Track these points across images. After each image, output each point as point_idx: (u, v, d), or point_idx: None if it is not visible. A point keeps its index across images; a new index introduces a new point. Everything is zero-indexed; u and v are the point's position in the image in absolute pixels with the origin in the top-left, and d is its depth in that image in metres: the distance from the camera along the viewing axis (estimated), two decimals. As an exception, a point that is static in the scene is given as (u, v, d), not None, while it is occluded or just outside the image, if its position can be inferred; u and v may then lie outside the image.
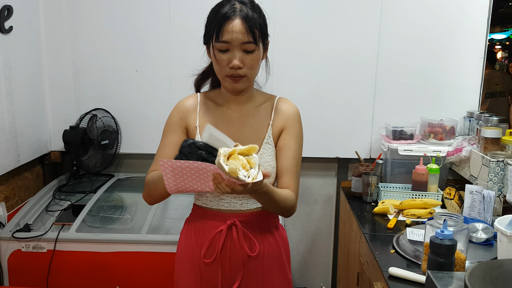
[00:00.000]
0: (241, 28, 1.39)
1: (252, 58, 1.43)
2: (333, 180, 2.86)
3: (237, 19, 1.39)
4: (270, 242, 1.57)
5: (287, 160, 1.52)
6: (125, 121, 2.77)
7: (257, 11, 1.46)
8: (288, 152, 1.52)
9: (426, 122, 2.52)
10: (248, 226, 1.54)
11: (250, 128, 1.54)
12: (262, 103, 1.58)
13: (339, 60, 2.63)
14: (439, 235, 1.38)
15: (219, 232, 1.52)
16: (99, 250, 2.16)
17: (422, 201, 2.19)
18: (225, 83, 1.48)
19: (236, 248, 1.51)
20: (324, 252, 2.94)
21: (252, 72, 1.46)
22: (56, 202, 2.47)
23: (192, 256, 1.56)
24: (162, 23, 2.65)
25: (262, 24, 1.46)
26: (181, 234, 1.64)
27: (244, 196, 1.53)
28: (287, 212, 1.51)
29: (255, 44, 1.42)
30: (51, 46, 2.69)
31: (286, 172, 1.51)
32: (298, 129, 1.57)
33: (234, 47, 1.40)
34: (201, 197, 1.58)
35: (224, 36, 1.39)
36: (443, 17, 2.56)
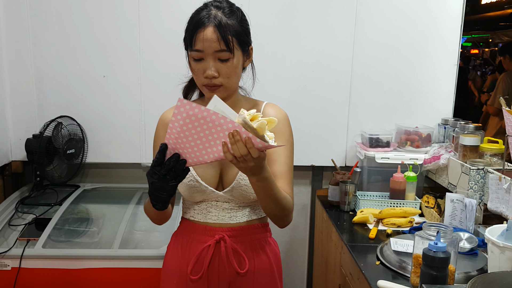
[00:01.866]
0: (213, 37, 1.32)
1: (227, 66, 1.36)
2: (308, 188, 2.82)
3: (209, 27, 1.32)
4: (261, 258, 1.50)
5: (279, 166, 1.45)
6: (91, 129, 2.64)
7: (235, 17, 1.38)
8: (279, 158, 1.46)
9: (402, 130, 2.51)
10: (237, 241, 1.47)
11: None
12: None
13: (314, 67, 2.60)
14: (433, 247, 1.35)
15: (206, 247, 1.45)
16: (69, 267, 2.03)
17: (402, 209, 2.18)
18: (203, 92, 1.43)
19: (224, 265, 1.44)
20: (299, 262, 2.90)
21: (229, 81, 1.39)
22: (19, 215, 2.32)
23: (179, 272, 1.48)
24: (130, 27, 2.54)
25: (240, 31, 1.38)
26: (168, 249, 1.57)
27: (232, 208, 1.46)
28: (285, 216, 1.42)
29: (230, 52, 1.34)
30: (11, 50, 2.53)
31: (280, 178, 1.43)
32: (288, 134, 1.51)
33: (208, 56, 1.34)
34: (189, 210, 1.52)
35: (196, 45, 1.33)
36: (417, 25, 2.57)
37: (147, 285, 2.03)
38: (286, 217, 1.43)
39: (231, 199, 1.46)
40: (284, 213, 1.40)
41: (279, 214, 1.39)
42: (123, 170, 2.74)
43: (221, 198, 1.46)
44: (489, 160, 2.06)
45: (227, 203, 1.47)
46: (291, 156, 1.50)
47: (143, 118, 2.61)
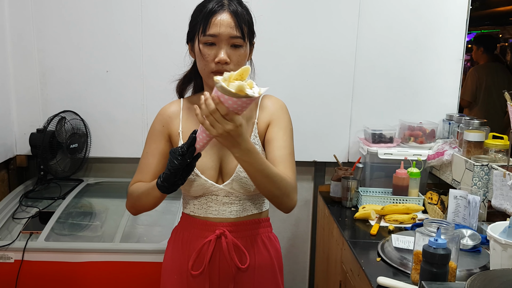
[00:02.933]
0: (229, 22, 1.34)
1: (239, 54, 1.37)
2: (310, 184, 2.81)
3: (225, 13, 1.34)
4: (262, 254, 1.50)
5: (277, 150, 1.42)
6: (95, 123, 2.65)
7: (245, 8, 1.42)
8: (277, 143, 1.43)
9: (406, 125, 2.50)
10: (238, 236, 1.46)
11: None
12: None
13: (316, 62, 2.58)
14: (433, 243, 1.34)
15: (207, 242, 1.44)
16: (70, 260, 2.04)
17: (404, 206, 2.17)
18: (209, 80, 1.40)
19: (225, 260, 1.44)
20: (301, 258, 2.89)
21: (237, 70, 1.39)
22: (23, 209, 2.34)
23: (180, 267, 1.48)
24: (133, 23, 2.54)
25: (250, 22, 1.42)
26: (168, 244, 1.57)
27: (232, 203, 1.46)
28: (285, 196, 1.34)
29: (243, 39, 1.36)
30: (16, 45, 2.54)
31: (279, 162, 1.40)
32: (286, 121, 1.49)
33: (221, 41, 1.34)
34: (189, 204, 1.51)
35: (211, 29, 1.33)
36: (421, 19, 2.54)
37: (147, 278, 2.03)
38: (286, 198, 1.35)
39: (231, 193, 1.45)
40: (282, 192, 1.33)
41: (277, 194, 1.33)
42: (126, 164, 2.74)
43: (221, 192, 1.45)
44: (493, 156, 2.04)
45: (227, 197, 1.46)
46: (291, 141, 1.46)
47: (146, 113, 2.61)
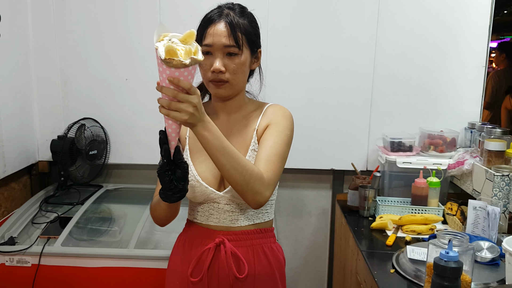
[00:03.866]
0: (223, 31, 1.36)
1: (235, 63, 1.38)
2: (328, 192, 2.78)
3: (220, 23, 1.37)
4: (262, 264, 1.48)
5: (264, 149, 1.39)
6: (114, 130, 2.68)
7: (248, 18, 1.44)
8: (266, 142, 1.40)
9: (426, 133, 2.44)
10: (238, 245, 1.45)
11: (236, 137, 1.48)
12: (252, 111, 1.52)
13: (334, 69, 2.56)
14: (444, 256, 1.29)
15: (206, 250, 1.45)
16: (85, 265, 2.06)
17: (423, 216, 2.11)
18: (209, 89, 1.44)
19: (224, 269, 1.43)
20: (319, 267, 2.86)
21: (235, 78, 1.40)
22: (42, 214, 2.38)
23: (181, 274, 1.49)
24: (152, 31, 2.55)
25: (250, 31, 1.43)
26: (172, 249, 1.59)
27: (233, 211, 1.45)
28: (250, 187, 1.28)
29: (238, 48, 1.37)
30: (39, 54, 2.61)
31: (259, 160, 1.36)
32: (283, 126, 1.45)
33: (216, 51, 1.37)
34: (193, 211, 1.53)
35: (207, 39, 1.37)
36: (442, 25, 2.49)
37: (161, 285, 2.03)
38: (250, 188, 1.28)
39: (232, 201, 1.44)
40: (245, 180, 1.26)
41: (239, 181, 1.26)
42: (144, 171, 2.76)
43: (222, 199, 1.45)
44: (514, 166, 1.97)
45: (228, 205, 1.45)
46: (282, 145, 1.42)
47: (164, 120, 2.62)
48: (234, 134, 1.49)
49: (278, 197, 2.79)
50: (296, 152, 2.62)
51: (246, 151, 1.45)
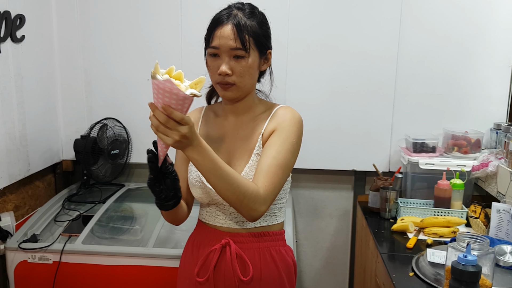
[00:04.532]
0: (229, 34, 1.34)
1: (241, 65, 1.36)
2: (350, 193, 2.74)
3: (227, 25, 1.35)
4: (268, 267, 1.46)
5: (266, 159, 1.35)
6: (136, 130, 2.71)
7: (257, 19, 1.40)
8: (269, 151, 1.37)
9: (450, 134, 2.39)
10: (243, 248, 1.45)
11: (242, 140, 1.46)
12: (261, 113, 1.49)
13: (356, 68, 2.52)
14: (462, 260, 1.26)
15: (213, 250, 1.44)
16: (104, 263, 2.08)
17: (445, 219, 2.06)
18: (217, 90, 1.43)
19: (229, 270, 1.42)
20: (340, 269, 2.82)
21: (242, 81, 1.38)
22: (65, 212, 2.42)
23: (190, 273, 1.49)
24: (173, 32, 2.59)
25: (259, 33, 1.39)
26: (184, 248, 1.59)
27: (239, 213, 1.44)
28: (244, 204, 1.27)
29: (245, 51, 1.35)
30: (63, 55, 2.65)
31: (259, 171, 1.34)
32: (289, 132, 1.41)
33: (223, 53, 1.35)
34: (202, 211, 1.54)
35: (214, 41, 1.36)
36: (468, 22, 2.43)
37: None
38: (244, 206, 1.27)
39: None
40: (239, 199, 1.25)
41: (232, 199, 1.26)
42: (166, 170, 2.78)
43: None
44: (541, 168, 1.91)
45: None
46: (286, 154, 1.38)
47: (184, 120, 2.64)
48: (240, 136, 1.47)
49: (298, 198, 2.77)
50: (317, 153, 2.61)
51: (250, 155, 1.43)
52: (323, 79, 2.55)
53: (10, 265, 2.12)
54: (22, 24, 2.28)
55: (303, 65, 2.54)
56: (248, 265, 1.43)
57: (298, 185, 2.77)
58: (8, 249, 2.11)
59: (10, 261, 2.12)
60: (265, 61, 1.46)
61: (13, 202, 2.36)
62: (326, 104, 2.57)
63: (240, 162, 1.43)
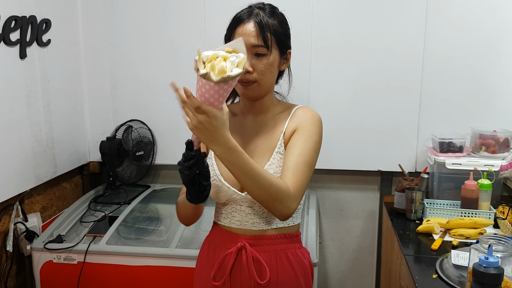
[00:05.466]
0: (252, 31, 1.35)
1: (263, 63, 1.37)
2: (376, 194, 2.70)
3: (249, 23, 1.36)
4: (285, 270, 1.44)
5: (291, 156, 1.36)
6: (161, 132, 2.74)
7: (278, 19, 1.42)
8: (294, 149, 1.37)
9: (477, 133, 2.32)
10: (259, 250, 1.43)
11: (262, 138, 1.46)
12: (280, 112, 1.49)
13: (381, 67, 2.48)
14: (483, 262, 1.22)
15: (229, 254, 1.44)
16: (128, 263, 2.10)
17: (472, 220, 2.00)
18: (237, 89, 1.43)
19: (245, 274, 1.41)
20: (366, 271, 2.78)
21: (263, 78, 1.38)
22: (91, 213, 2.46)
23: (206, 276, 1.49)
24: (197, 33, 2.60)
25: (280, 32, 1.40)
26: (200, 251, 1.58)
27: (255, 214, 1.43)
28: (274, 202, 1.27)
29: (267, 48, 1.36)
30: (89, 58, 2.70)
31: (286, 169, 1.34)
32: (311, 131, 1.41)
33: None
34: (217, 213, 1.53)
35: (235, 39, 1.34)
36: (496, 19, 2.35)
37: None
38: (277, 204, 1.27)
39: (254, 203, 1.43)
40: (272, 198, 1.25)
41: (265, 198, 1.26)
42: (190, 172, 2.79)
43: (244, 201, 1.43)
44: None
45: (250, 208, 1.44)
46: (311, 152, 1.38)
47: (208, 121, 2.65)
48: (260, 135, 1.47)
49: (324, 199, 2.74)
50: (342, 153, 2.58)
51: (271, 153, 1.43)
52: (348, 77, 2.52)
53: (36, 265, 2.16)
54: (48, 28, 2.33)
55: (327, 63, 2.52)
56: (265, 268, 1.41)
57: (324, 186, 2.74)
58: (34, 249, 2.16)
59: (36, 261, 2.16)
60: (284, 61, 1.47)
61: (40, 203, 2.42)
62: (351, 103, 2.53)
63: (260, 160, 1.43)
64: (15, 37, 2.10)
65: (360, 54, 2.49)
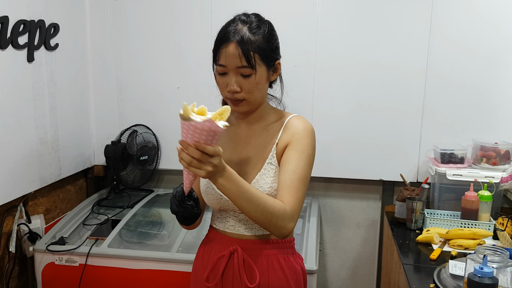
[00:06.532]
0: (234, 53, 1.32)
1: (249, 82, 1.36)
2: (377, 203, 2.71)
3: (232, 43, 1.32)
4: (276, 274, 1.46)
5: (286, 174, 1.37)
6: (165, 137, 2.76)
7: (261, 31, 1.36)
8: (288, 166, 1.38)
9: (479, 145, 2.33)
10: (251, 254, 1.45)
11: (254, 148, 1.47)
12: (273, 122, 1.49)
13: (384, 77, 2.50)
14: (478, 272, 1.23)
15: (221, 256, 1.46)
16: (129, 267, 2.12)
17: (471, 231, 2.01)
18: (228, 104, 1.41)
19: (236, 276, 1.44)
20: (367, 280, 2.78)
21: (251, 96, 1.38)
22: (94, 216, 2.48)
23: (200, 278, 1.51)
24: (203, 40, 2.63)
25: (264, 47, 1.36)
26: (196, 254, 1.61)
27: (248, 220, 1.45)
28: (272, 224, 1.30)
29: (251, 68, 1.33)
30: (96, 63, 2.74)
31: (283, 187, 1.35)
32: (304, 144, 1.41)
33: (230, 71, 1.34)
34: (214, 217, 1.56)
35: (220, 60, 1.35)
36: (498, 33, 2.37)
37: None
38: (273, 225, 1.30)
39: None
40: (267, 219, 1.28)
41: (261, 220, 1.29)
42: (193, 177, 2.82)
43: (237, 208, 1.45)
44: None
45: (242, 214, 1.45)
46: (305, 167, 1.40)
47: (212, 127, 2.67)
48: (253, 144, 1.48)
49: (326, 207, 2.75)
50: (344, 162, 2.59)
51: (262, 163, 1.44)
52: (351, 87, 2.54)
53: (38, 267, 2.18)
54: (56, 33, 2.37)
55: (331, 74, 2.54)
56: (255, 272, 1.43)
57: (326, 194, 2.75)
58: (36, 250, 2.18)
59: (38, 262, 2.18)
60: (274, 72, 1.44)
61: (44, 205, 2.45)
62: (354, 113, 2.55)
63: (252, 171, 1.44)
64: (23, 41, 2.14)
65: (364, 65, 2.51)
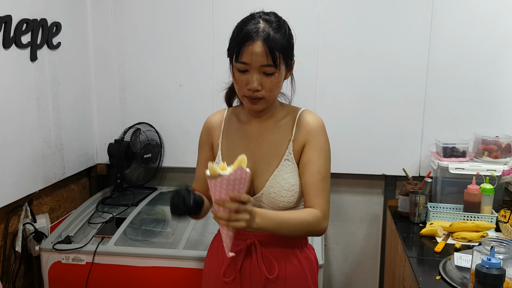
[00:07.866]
0: (261, 51, 1.32)
1: (271, 81, 1.37)
2: (380, 198, 2.73)
3: (258, 41, 1.32)
4: (293, 264, 1.49)
5: (310, 176, 1.42)
6: (168, 135, 2.77)
7: (282, 31, 1.38)
8: (311, 167, 1.43)
9: (480, 139, 2.35)
10: (268, 247, 1.48)
11: (268, 145, 1.48)
12: (283, 117, 1.51)
13: (386, 73, 2.51)
14: (486, 263, 1.25)
15: (238, 251, 1.47)
16: (136, 264, 2.14)
17: (474, 223, 2.03)
18: (243, 102, 1.44)
19: (255, 269, 1.46)
20: (370, 274, 2.81)
21: (271, 95, 1.40)
22: (98, 214, 2.49)
23: (215, 274, 1.53)
24: (205, 38, 2.64)
25: (286, 45, 1.38)
26: (208, 250, 1.61)
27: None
28: (312, 233, 1.43)
29: (275, 67, 1.34)
30: (98, 61, 2.75)
31: (310, 190, 1.42)
32: (322, 142, 1.46)
33: (253, 69, 1.35)
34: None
35: (243, 57, 1.34)
36: (499, 28, 2.39)
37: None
38: (311, 233, 1.43)
39: (262, 206, 1.47)
40: (305, 232, 1.42)
41: (300, 234, 1.43)
42: (197, 174, 2.83)
43: (253, 202, 1.46)
44: None
45: (259, 208, 1.47)
46: (326, 165, 1.46)
47: (214, 124, 2.68)
48: (265, 142, 1.49)
49: (328, 202, 2.77)
50: (347, 157, 2.61)
51: (279, 160, 1.46)
52: (353, 84, 2.55)
53: (44, 266, 2.19)
54: (58, 31, 2.38)
55: (333, 70, 2.55)
56: (273, 264, 1.46)
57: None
58: (42, 250, 2.19)
59: (44, 261, 2.19)
60: (288, 70, 1.45)
61: (48, 205, 2.45)
62: (356, 109, 2.57)
63: (268, 167, 1.46)
64: (26, 40, 2.14)
65: (366, 61, 2.52)
